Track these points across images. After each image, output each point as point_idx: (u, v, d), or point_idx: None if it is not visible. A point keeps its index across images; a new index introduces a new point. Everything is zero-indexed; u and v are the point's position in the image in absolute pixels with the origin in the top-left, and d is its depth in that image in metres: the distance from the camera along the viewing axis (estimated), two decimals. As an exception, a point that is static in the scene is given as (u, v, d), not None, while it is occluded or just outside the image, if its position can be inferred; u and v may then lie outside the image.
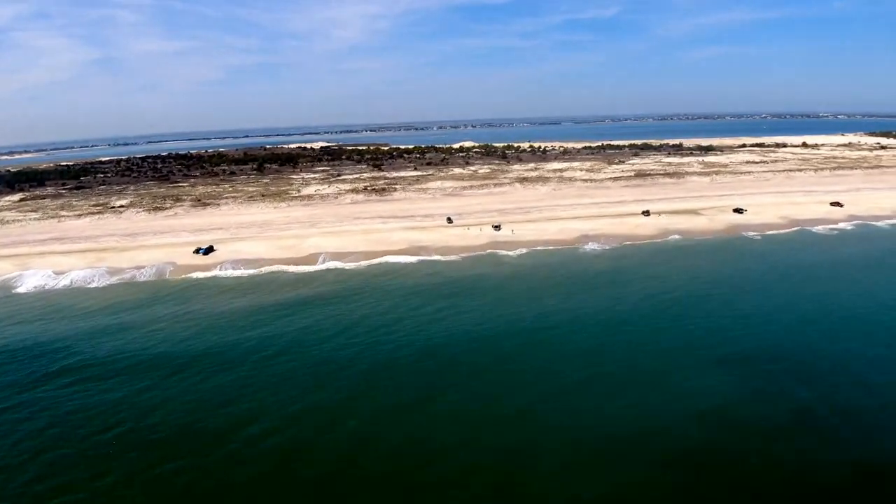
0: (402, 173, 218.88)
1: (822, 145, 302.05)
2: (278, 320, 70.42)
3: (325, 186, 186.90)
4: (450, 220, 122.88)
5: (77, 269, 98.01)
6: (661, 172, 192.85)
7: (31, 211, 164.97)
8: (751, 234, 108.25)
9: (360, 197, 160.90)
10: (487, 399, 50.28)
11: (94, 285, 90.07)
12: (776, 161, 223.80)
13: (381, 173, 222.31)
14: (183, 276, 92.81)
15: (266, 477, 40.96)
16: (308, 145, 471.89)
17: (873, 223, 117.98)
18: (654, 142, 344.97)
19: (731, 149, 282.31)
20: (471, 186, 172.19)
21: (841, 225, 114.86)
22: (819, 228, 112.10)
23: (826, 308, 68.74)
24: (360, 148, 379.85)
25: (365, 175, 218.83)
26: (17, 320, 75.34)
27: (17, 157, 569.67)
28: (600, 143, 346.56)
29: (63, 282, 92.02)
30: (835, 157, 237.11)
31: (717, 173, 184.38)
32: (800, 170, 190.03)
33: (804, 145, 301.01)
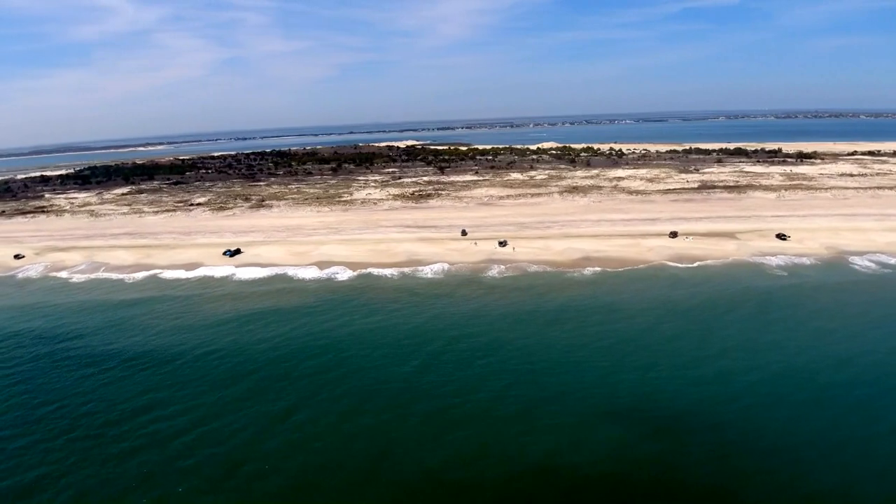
0: (458, 178, 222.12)
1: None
2: (227, 325, 79.09)
3: (378, 190, 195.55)
4: (464, 233, 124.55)
5: (124, 265, 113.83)
6: (727, 185, 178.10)
7: (126, 205, 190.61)
8: (776, 264, 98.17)
9: (398, 203, 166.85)
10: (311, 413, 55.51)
11: (127, 279, 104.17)
12: (877, 175, 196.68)
13: (439, 177, 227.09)
14: (202, 274, 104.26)
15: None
16: (396, 144, 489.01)
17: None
18: (751, 146, 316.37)
19: (834, 157, 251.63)
20: (508, 196, 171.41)
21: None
22: (865, 263, 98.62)
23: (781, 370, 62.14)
24: (440, 148, 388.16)
25: (423, 179, 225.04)
26: (42, 302, 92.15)
27: (150, 149, 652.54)
28: (688, 147, 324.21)
29: (105, 274, 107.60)
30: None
31: (789, 189, 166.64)
32: (893, 188, 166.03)
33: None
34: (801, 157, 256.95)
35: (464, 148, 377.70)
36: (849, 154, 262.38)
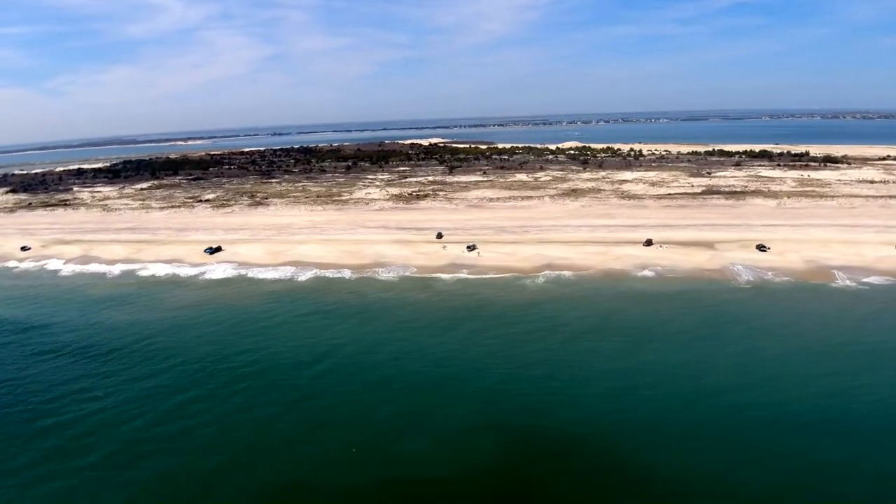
0: (464, 178, 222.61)
1: None
2: (170, 317, 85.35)
3: (378, 190, 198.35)
4: (440, 235, 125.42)
5: (114, 258, 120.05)
6: (733, 190, 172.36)
7: (141, 200, 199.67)
8: (744, 277, 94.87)
9: (390, 204, 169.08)
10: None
11: (108, 274, 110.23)
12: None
13: (445, 177, 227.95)
14: (173, 271, 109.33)
15: None
16: (420, 141, 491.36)
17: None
18: (778, 148, 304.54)
19: (863, 161, 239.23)
20: (500, 198, 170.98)
21: (880, 280, 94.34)
22: (841, 279, 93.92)
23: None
24: (460, 146, 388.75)
25: (429, 178, 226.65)
26: (27, 291, 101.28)
27: (190, 143, 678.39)
28: (711, 148, 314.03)
29: (92, 268, 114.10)
30: None
31: (795, 196, 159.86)
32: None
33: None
34: (827, 160, 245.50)
35: (483, 147, 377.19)
36: (880, 158, 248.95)
